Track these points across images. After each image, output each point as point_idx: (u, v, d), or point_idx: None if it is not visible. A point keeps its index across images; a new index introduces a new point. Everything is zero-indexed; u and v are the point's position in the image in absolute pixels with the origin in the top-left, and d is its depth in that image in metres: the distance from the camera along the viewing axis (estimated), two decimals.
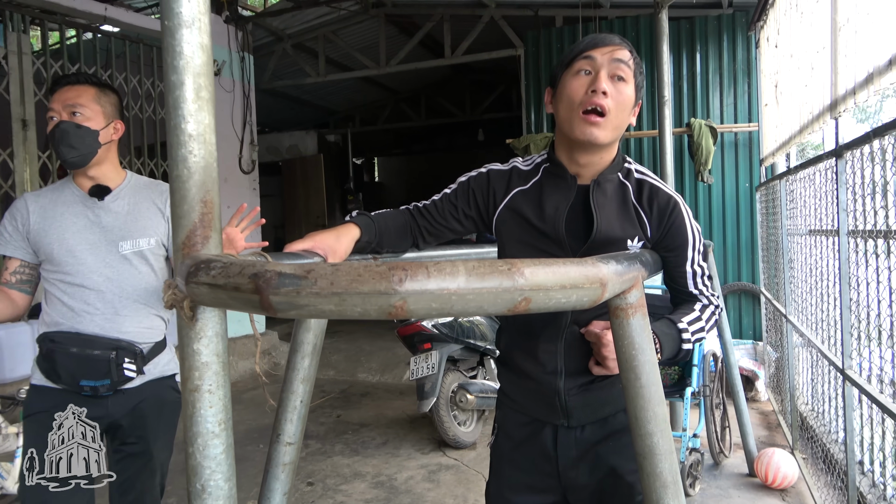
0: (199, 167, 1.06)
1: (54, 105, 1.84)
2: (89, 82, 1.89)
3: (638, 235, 1.32)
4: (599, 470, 1.35)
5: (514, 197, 1.37)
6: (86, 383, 1.82)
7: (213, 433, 1.07)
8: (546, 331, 1.34)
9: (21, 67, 4.78)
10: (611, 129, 1.25)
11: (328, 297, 0.70)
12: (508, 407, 1.47)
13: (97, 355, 1.81)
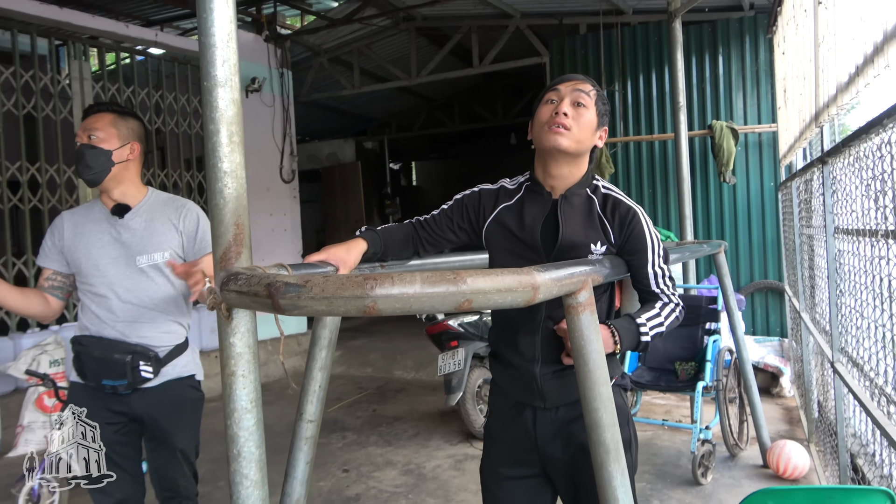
0: (232, 197, 1.34)
1: (79, 132, 2.09)
2: (109, 110, 2.11)
3: (600, 240, 1.54)
4: (572, 445, 1.57)
5: (500, 212, 1.62)
6: (107, 382, 2.05)
7: (245, 409, 1.35)
8: (524, 325, 1.57)
9: (83, 91, 5.23)
10: (573, 140, 1.51)
11: (320, 300, 0.96)
12: (497, 393, 1.71)
13: (116, 358, 2.03)
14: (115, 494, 2.13)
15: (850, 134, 1.89)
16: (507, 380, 1.65)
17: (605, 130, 1.59)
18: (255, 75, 6.40)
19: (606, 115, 1.59)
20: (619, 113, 6.08)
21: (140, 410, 2.10)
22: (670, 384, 3.79)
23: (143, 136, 2.17)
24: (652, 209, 6.05)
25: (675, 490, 3.29)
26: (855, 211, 2.06)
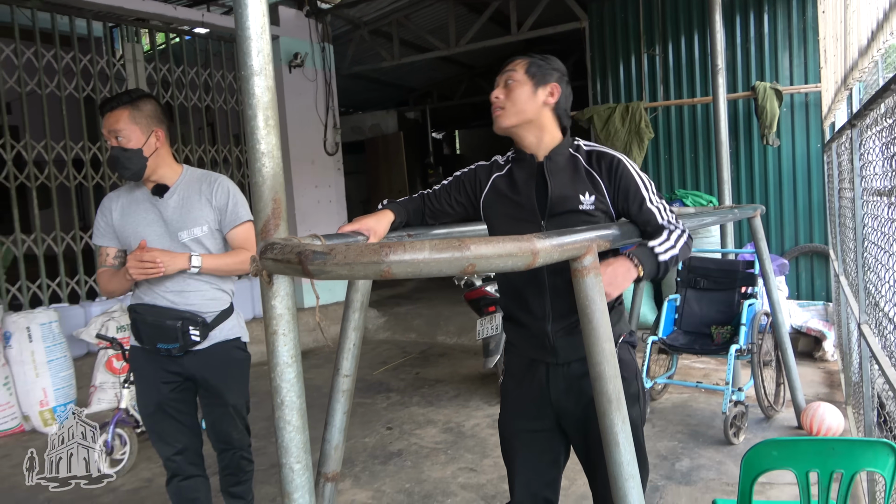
0: (269, 175, 1.49)
1: (104, 131, 2.22)
2: (121, 104, 2.19)
3: (588, 191, 1.66)
4: (583, 399, 1.68)
5: (494, 181, 1.79)
6: (161, 346, 2.24)
7: (286, 363, 1.52)
8: (531, 287, 1.69)
9: (136, 72, 5.49)
10: (511, 115, 1.68)
11: (343, 265, 1.11)
12: (511, 353, 1.84)
13: (167, 324, 2.21)
14: (175, 445, 2.35)
15: (868, 98, 1.91)
16: (521, 339, 1.78)
17: (552, 86, 1.69)
18: (297, 51, 6.56)
19: (548, 73, 1.69)
20: (659, 77, 6.01)
21: (192, 370, 2.31)
22: (705, 347, 3.85)
23: (161, 117, 2.26)
24: (694, 174, 6.00)
25: (707, 449, 3.38)
26: (877, 174, 2.08)
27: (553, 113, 1.70)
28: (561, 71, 1.72)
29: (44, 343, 4.29)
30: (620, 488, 1.36)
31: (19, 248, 4.83)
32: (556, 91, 1.69)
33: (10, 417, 4.22)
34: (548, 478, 1.80)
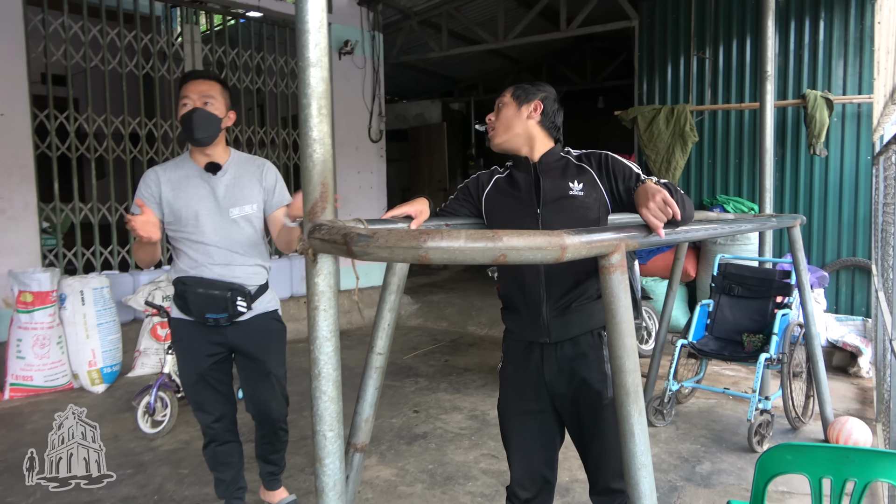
0: (319, 161, 1.59)
1: (190, 94, 2.32)
2: (216, 79, 2.40)
3: (577, 179, 1.86)
4: (574, 380, 1.85)
5: (496, 181, 2.00)
6: (210, 316, 2.36)
7: (325, 338, 1.63)
8: (528, 274, 1.86)
9: (193, 53, 5.69)
10: (500, 136, 1.96)
11: (384, 248, 1.20)
12: (509, 339, 2.00)
13: (217, 294, 2.34)
14: (214, 413, 2.50)
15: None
16: (518, 324, 1.94)
17: (535, 103, 1.93)
18: (348, 38, 6.68)
19: (532, 94, 1.95)
20: (707, 80, 5.94)
21: (235, 340, 2.45)
22: (735, 354, 3.85)
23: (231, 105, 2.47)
24: (737, 180, 5.94)
25: (729, 454, 3.39)
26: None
27: (540, 126, 1.94)
28: (546, 92, 1.97)
29: (95, 307, 4.52)
30: (633, 476, 1.42)
31: (77, 216, 5.08)
32: (539, 107, 1.93)
33: (61, 375, 4.47)
34: (545, 457, 1.95)
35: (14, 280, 4.38)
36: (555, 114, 1.96)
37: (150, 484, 3.08)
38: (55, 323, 4.41)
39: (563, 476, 3.13)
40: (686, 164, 6.03)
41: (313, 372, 1.65)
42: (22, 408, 4.17)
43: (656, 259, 5.90)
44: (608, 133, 10.59)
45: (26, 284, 4.31)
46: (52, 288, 4.39)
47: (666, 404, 3.79)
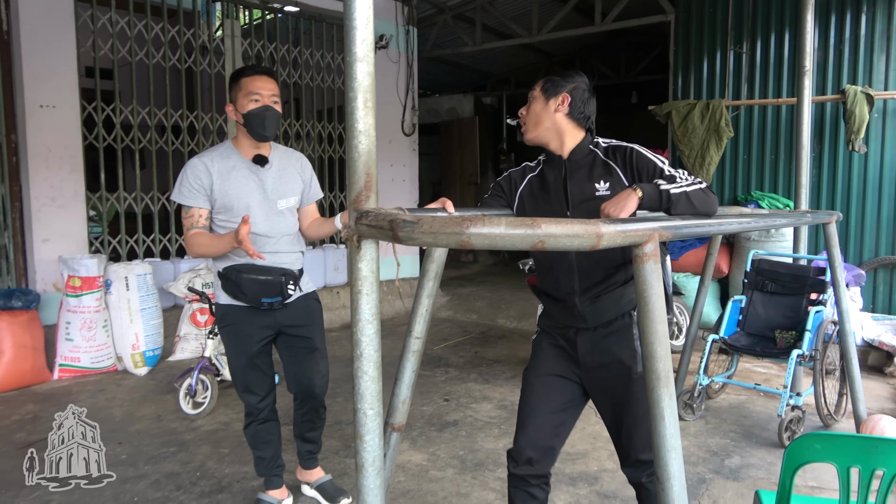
0: (364, 151, 1.67)
1: (261, 91, 2.41)
2: (275, 77, 2.52)
3: (604, 179, 1.93)
4: (606, 356, 1.95)
5: (529, 180, 2.09)
6: (266, 300, 2.48)
7: (367, 320, 1.71)
8: (562, 269, 1.97)
9: (233, 47, 5.83)
10: (531, 127, 2.03)
11: (428, 234, 1.27)
12: (547, 317, 2.10)
13: (272, 280, 2.46)
14: (260, 393, 2.61)
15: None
16: (556, 309, 2.04)
17: (563, 96, 1.98)
18: (383, 32, 6.77)
19: (560, 86, 1.99)
20: (744, 75, 5.88)
21: (283, 321, 2.58)
22: (766, 350, 3.84)
23: None
24: (773, 176, 5.88)
25: (758, 449, 3.40)
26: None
27: (568, 118, 1.98)
28: (576, 83, 1.99)
29: (139, 292, 4.69)
30: (663, 458, 1.47)
31: (121, 205, 5.27)
32: (567, 99, 1.97)
33: (107, 357, 4.65)
34: (559, 421, 2.02)
35: (63, 265, 4.57)
36: (585, 103, 2.00)
37: (192, 461, 3.22)
38: (101, 307, 4.59)
39: (592, 465, 3.18)
40: (720, 159, 5.98)
41: (355, 353, 1.74)
42: (70, 387, 4.37)
43: (688, 255, 5.88)
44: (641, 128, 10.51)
45: (75, 270, 4.50)
46: (99, 273, 4.57)
47: (696, 399, 3.80)
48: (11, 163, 4.71)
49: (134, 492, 2.89)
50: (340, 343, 5.56)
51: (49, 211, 4.79)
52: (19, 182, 4.76)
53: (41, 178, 4.73)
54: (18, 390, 4.26)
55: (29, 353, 4.30)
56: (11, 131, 4.69)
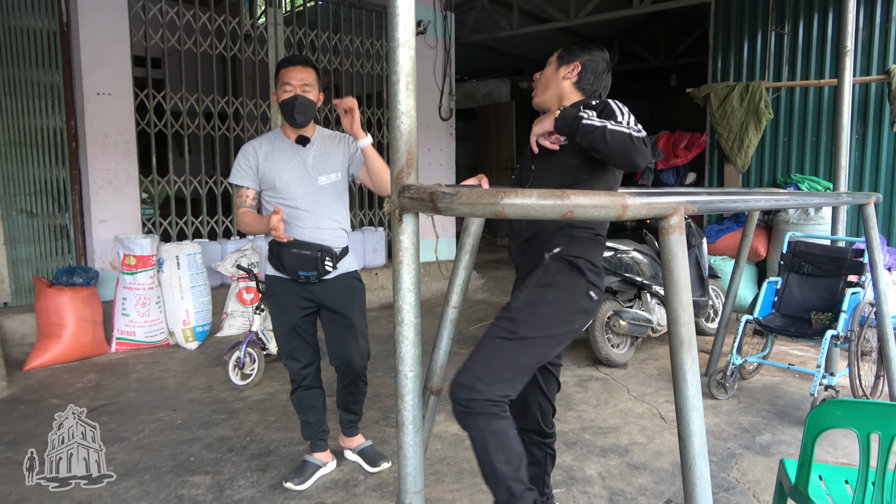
0: (406, 131, 1.79)
1: (291, 80, 2.58)
2: (311, 65, 2.66)
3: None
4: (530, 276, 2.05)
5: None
6: (302, 273, 2.63)
7: (408, 289, 1.84)
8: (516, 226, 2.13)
9: (276, 35, 6.00)
10: (540, 91, 2.12)
11: (466, 204, 1.38)
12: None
13: (308, 255, 2.61)
14: (303, 360, 2.78)
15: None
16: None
17: (574, 65, 2.05)
18: (421, 18, 6.85)
19: (574, 55, 2.07)
20: (785, 56, 5.80)
21: (322, 297, 2.72)
22: (801, 331, 3.86)
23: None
24: (813, 159, 5.80)
25: (790, 428, 3.44)
26: None
27: (575, 87, 2.05)
28: (591, 55, 2.05)
29: (189, 271, 4.93)
30: (685, 417, 1.57)
31: (171, 189, 5.51)
32: (577, 68, 2.04)
33: (159, 332, 4.91)
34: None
35: (119, 245, 4.83)
36: (596, 77, 2.03)
37: (241, 427, 3.42)
38: (154, 284, 4.85)
39: (623, 439, 3.27)
40: (760, 142, 5.93)
41: (397, 319, 1.87)
42: (126, 359, 4.64)
43: (726, 238, 5.86)
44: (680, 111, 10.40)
45: (130, 249, 4.75)
46: (152, 252, 4.82)
47: (728, 378, 3.85)
48: (71, 148, 4.99)
49: (189, 453, 3.10)
50: (379, 322, 5.73)
51: (106, 193, 5.05)
52: (78, 166, 5.03)
53: (98, 163, 4.99)
54: (80, 361, 4.54)
55: (89, 326, 4.57)
56: (71, 118, 4.95)
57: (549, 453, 2.21)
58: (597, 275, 2.00)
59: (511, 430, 1.84)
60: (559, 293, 1.93)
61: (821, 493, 1.96)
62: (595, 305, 2.00)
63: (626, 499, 2.68)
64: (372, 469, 2.89)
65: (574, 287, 1.95)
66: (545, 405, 2.18)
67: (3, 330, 4.51)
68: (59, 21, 4.86)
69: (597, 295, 1.98)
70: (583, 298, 1.96)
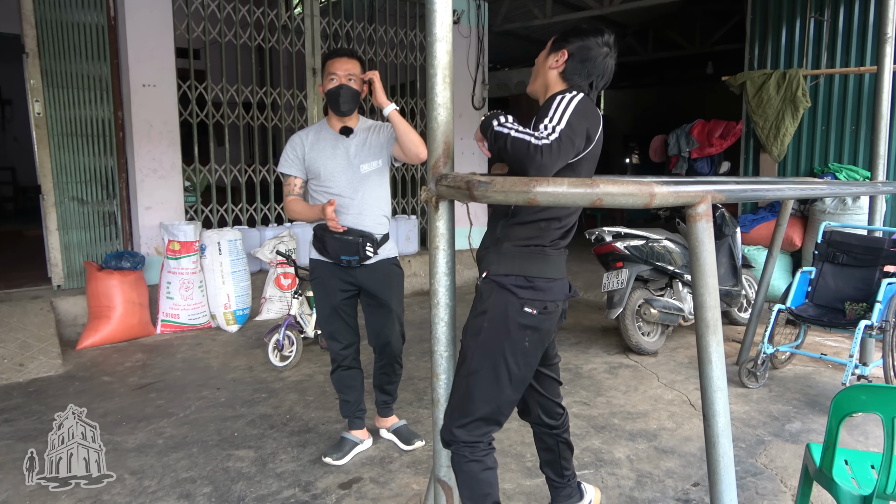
0: (443, 122, 1.88)
1: (337, 71, 2.71)
2: (356, 57, 2.77)
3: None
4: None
5: None
6: (344, 258, 2.76)
7: (444, 272, 1.93)
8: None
9: (313, 26, 6.12)
10: (530, 84, 2.08)
11: (500, 192, 1.46)
12: None
13: (350, 240, 2.72)
14: (343, 341, 2.90)
15: None
16: None
17: (561, 53, 1.97)
18: (454, 8, 6.90)
19: (564, 43, 1.99)
20: (824, 43, 5.71)
21: (363, 281, 2.83)
22: (834, 320, 3.84)
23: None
24: (852, 148, 5.71)
25: (821, 416, 3.45)
26: None
27: (561, 77, 1.97)
28: (583, 41, 1.95)
29: (230, 256, 5.11)
30: (709, 397, 1.63)
31: (212, 177, 5.70)
32: (563, 57, 1.95)
33: (202, 315, 5.11)
34: None
35: (164, 230, 5.03)
36: (587, 66, 1.93)
37: (281, 406, 3.57)
38: (197, 269, 5.04)
39: (651, 424, 3.33)
40: (796, 130, 5.85)
41: (433, 301, 1.97)
42: (171, 340, 4.84)
43: (760, 227, 5.82)
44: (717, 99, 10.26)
45: (174, 235, 4.94)
46: (196, 238, 5.01)
47: (759, 367, 3.86)
48: (118, 138, 5.19)
49: (233, 428, 3.26)
50: (412, 308, 5.85)
51: (151, 181, 5.25)
52: (125, 155, 5.24)
53: (144, 152, 5.19)
54: (128, 341, 4.76)
55: (136, 308, 4.79)
56: (118, 109, 5.15)
57: (559, 440, 2.26)
58: (532, 289, 1.90)
59: (481, 473, 1.93)
60: (493, 317, 1.90)
61: (846, 477, 2.00)
62: (540, 318, 1.92)
63: (653, 480, 2.75)
64: (406, 447, 3.01)
65: (505, 307, 1.90)
66: (544, 402, 2.22)
67: (58, 311, 4.74)
68: (107, 16, 5.05)
69: (535, 308, 1.90)
70: (518, 315, 1.89)
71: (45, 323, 4.52)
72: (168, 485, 2.71)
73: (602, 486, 2.69)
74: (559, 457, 2.29)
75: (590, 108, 1.84)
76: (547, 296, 1.92)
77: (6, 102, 11.40)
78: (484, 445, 1.96)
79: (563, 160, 1.72)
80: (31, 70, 4.80)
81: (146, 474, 2.80)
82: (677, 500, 2.61)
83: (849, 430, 3.29)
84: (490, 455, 1.98)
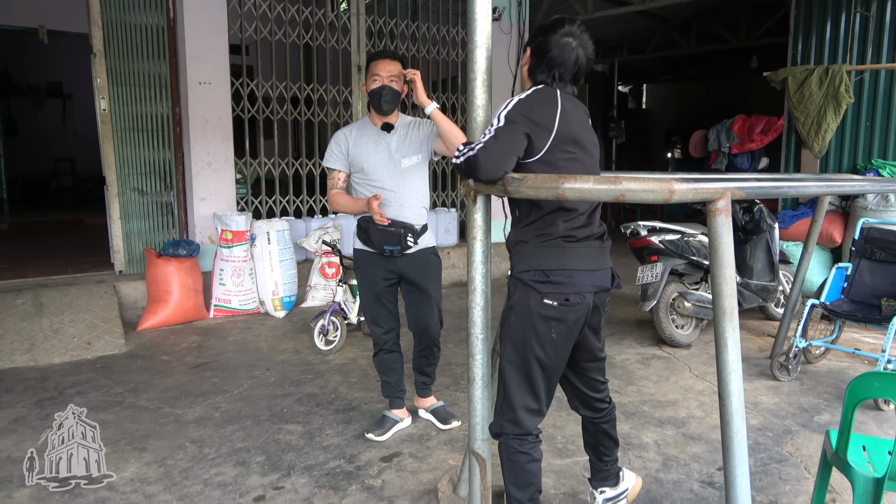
0: (482, 123, 2.05)
1: (380, 72, 2.88)
2: (398, 58, 2.95)
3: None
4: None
5: None
6: (387, 248, 2.94)
7: (480, 261, 2.11)
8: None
9: (358, 25, 6.33)
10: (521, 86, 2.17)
11: (532, 188, 1.62)
12: None
13: (393, 231, 2.90)
14: (385, 326, 3.10)
15: None
16: None
17: (527, 50, 2.07)
18: (496, 5, 7.02)
19: (528, 43, 2.09)
20: (870, 38, 5.65)
21: (404, 269, 3.02)
22: (869, 316, 3.87)
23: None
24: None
25: None
26: None
27: (528, 73, 2.08)
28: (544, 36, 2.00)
29: (278, 245, 5.38)
30: (724, 379, 1.76)
31: (262, 170, 5.97)
32: (527, 55, 2.07)
33: (252, 301, 5.39)
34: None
35: (218, 220, 5.32)
36: (548, 62, 2.00)
37: (326, 386, 3.80)
38: (248, 257, 5.32)
39: (681, 412, 3.44)
40: (839, 126, 5.81)
41: (469, 287, 2.14)
42: (223, 324, 5.13)
43: (799, 223, 5.81)
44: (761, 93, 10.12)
45: (227, 224, 5.23)
46: (247, 228, 5.28)
47: (791, 360, 3.91)
48: (176, 132, 5.50)
49: (283, 405, 3.50)
50: (450, 299, 6.03)
51: (205, 174, 5.55)
52: (182, 149, 5.55)
53: (199, 146, 5.49)
54: (184, 324, 5.07)
55: (191, 293, 5.09)
56: (176, 105, 5.46)
57: (598, 430, 2.36)
58: (550, 282, 1.97)
59: (527, 464, 2.10)
60: (518, 312, 2.02)
61: (862, 461, 2.10)
62: (562, 309, 1.98)
63: (679, 464, 2.87)
64: (443, 426, 3.19)
65: (527, 301, 2.00)
66: (581, 396, 2.33)
67: (120, 295, 5.08)
68: (166, 17, 5.35)
69: (555, 300, 1.97)
70: (539, 308, 1.98)
71: (110, 305, 4.85)
72: (225, 453, 2.96)
73: (628, 468, 2.82)
74: (598, 443, 2.39)
75: (539, 98, 1.97)
76: (567, 288, 1.98)
77: (67, 97, 11.98)
78: (532, 438, 2.11)
79: (512, 152, 1.83)
80: (97, 69, 5.13)
81: (205, 443, 3.05)
82: (701, 482, 2.73)
83: (878, 422, 3.34)
84: (536, 447, 2.13)
